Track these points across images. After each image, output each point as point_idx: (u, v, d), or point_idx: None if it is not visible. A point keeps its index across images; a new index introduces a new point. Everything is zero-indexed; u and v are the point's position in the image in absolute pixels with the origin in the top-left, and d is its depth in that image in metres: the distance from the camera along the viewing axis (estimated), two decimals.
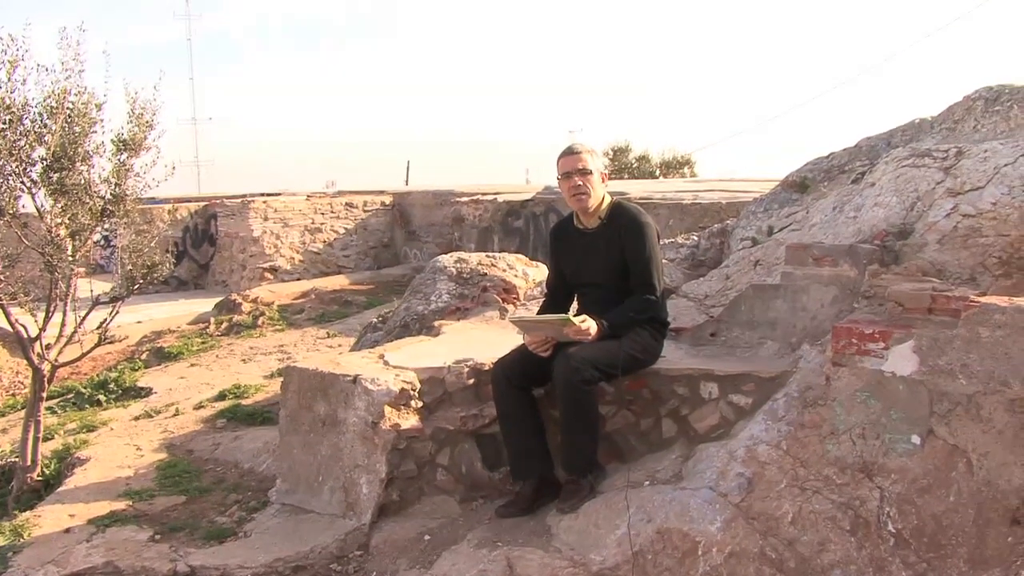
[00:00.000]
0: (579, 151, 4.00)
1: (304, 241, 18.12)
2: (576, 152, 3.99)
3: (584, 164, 3.96)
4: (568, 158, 4.00)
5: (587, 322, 3.77)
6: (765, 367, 3.92)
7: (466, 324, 5.46)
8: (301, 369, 4.44)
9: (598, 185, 4.00)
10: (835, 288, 4.05)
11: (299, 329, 12.29)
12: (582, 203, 4.00)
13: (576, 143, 4.07)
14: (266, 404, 7.07)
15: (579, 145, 4.04)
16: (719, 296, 5.25)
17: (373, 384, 4.12)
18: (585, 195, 3.97)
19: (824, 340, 3.69)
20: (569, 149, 4.03)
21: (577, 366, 3.68)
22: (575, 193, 3.98)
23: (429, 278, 6.30)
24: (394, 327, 6.14)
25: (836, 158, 6.31)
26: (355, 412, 4.12)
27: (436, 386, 4.27)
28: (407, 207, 19.32)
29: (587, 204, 3.99)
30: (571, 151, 4.01)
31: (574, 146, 4.03)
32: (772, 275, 4.93)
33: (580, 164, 3.96)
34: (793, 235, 5.40)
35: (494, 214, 16.04)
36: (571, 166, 3.98)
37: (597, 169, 4.01)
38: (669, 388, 4.04)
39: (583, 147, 4.02)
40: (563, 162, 4.02)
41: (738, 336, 4.45)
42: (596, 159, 4.04)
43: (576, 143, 4.07)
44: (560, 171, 4.03)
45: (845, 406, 3.28)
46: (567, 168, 3.99)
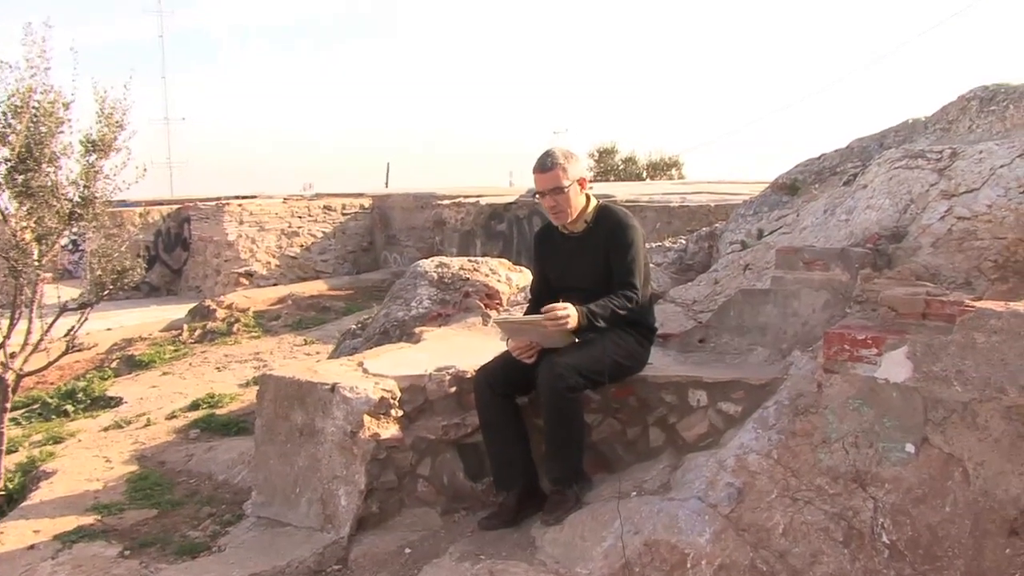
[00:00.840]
0: (550, 167, 3.87)
1: (280, 245, 18.06)
2: (548, 169, 3.87)
3: (557, 182, 3.86)
4: (540, 176, 3.90)
5: (568, 309, 3.71)
6: (755, 374, 3.92)
7: (448, 331, 5.44)
8: (277, 377, 4.40)
9: (576, 197, 3.94)
10: (826, 293, 4.06)
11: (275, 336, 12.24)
12: (560, 220, 3.99)
13: (549, 155, 3.91)
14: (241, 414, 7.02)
15: (551, 158, 3.89)
16: (707, 301, 5.25)
17: (352, 393, 4.09)
18: (561, 213, 3.95)
19: (815, 346, 3.69)
20: (540, 164, 3.90)
21: (562, 373, 3.66)
22: (552, 212, 3.98)
23: (409, 283, 6.28)
24: (373, 334, 6.11)
25: (827, 159, 6.34)
26: (333, 422, 4.09)
27: (417, 394, 4.24)
28: (387, 210, 19.29)
29: (565, 220, 3.99)
30: (542, 167, 3.89)
31: (546, 161, 3.89)
32: (762, 280, 4.94)
33: (553, 184, 3.87)
34: (783, 238, 5.41)
35: (476, 217, 16.03)
36: (543, 186, 3.91)
37: (574, 179, 3.90)
38: (657, 396, 4.03)
39: (556, 159, 3.88)
40: (536, 180, 3.94)
41: (727, 342, 4.45)
42: (573, 167, 3.91)
43: (549, 155, 3.91)
44: (535, 187, 4.00)
45: (837, 414, 3.27)
46: (538, 187, 3.94)
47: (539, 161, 3.92)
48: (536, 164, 3.92)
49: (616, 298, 3.85)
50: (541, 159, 3.92)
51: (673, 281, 6.18)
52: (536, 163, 3.93)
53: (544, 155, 3.93)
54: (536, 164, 3.92)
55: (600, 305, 3.81)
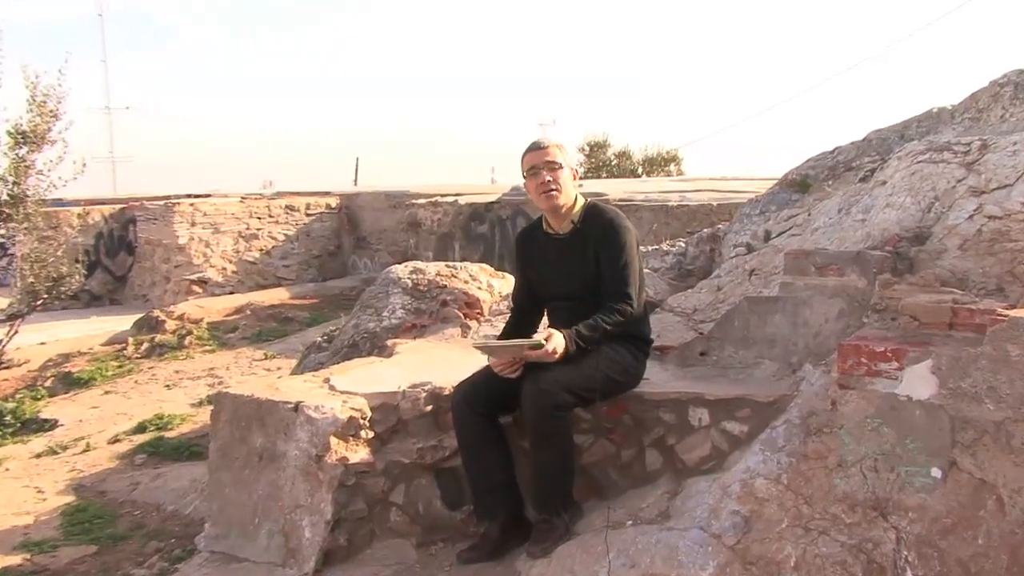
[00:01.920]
0: (546, 145, 4.04)
1: (238, 249, 17.98)
2: (543, 146, 4.03)
3: (552, 157, 3.99)
4: (534, 152, 4.02)
5: (553, 341, 3.74)
6: (762, 390, 3.93)
7: (423, 343, 5.43)
8: (234, 395, 4.38)
9: (569, 183, 4.01)
10: (841, 300, 4.07)
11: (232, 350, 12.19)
12: (552, 201, 3.99)
13: (542, 138, 4.12)
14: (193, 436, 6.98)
15: (545, 140, 4.08)
16: (709, 310, 5.26)
17: (317, 412, 4.08)
18: (556, 191, 3.97)
19: (829, 359, 3.70)
20: (535, 144, 4.06)
21: (549, 390, 3.66)
22: (544, 190, 3.98)
23: (381, 291, 6.27)
24: (341, 347, 6.09)
25: (842, 153, 6.36)
26: (297, 444, 4.07)
27: (389, 414, 4.23)
28: (356, 210, 19.25)
29: (558, 202, 3.99)
30: (537, 145, 4.05)
31: (540, 140, 4.07)
32: (769, 286, 4.95)
33: (548, 157, 3.99)
34: (793, 241, 5.43)
35: (455, 218, 16.02)
36: (538, 160, 3.99)
37: (568, 164, 4.03)
38: (653, 414, 4.03)
39: (549, 141, 4.07)
40: (528, 157, 4.03)
41: (731, 355, 4.46)
42: (566, 154, 4.07)
43: (542, 138, 4.12)
44: (525, 167, 4.03)
45: (854, 434, 3.28)
46: (533, 162, 4.00)
47: (533, 141, 4.08)
48: (529, 145, 4.07)
49: (607, 314, 3.85)
50: (533, 142, 4.08)
51: (671, 288, 6.19)
52: (529, 145, 4.08)
53: (535, 139, 4.09)
54: (529, 145, 4.07)
55: (589, 326, 3.82)
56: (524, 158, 4.05)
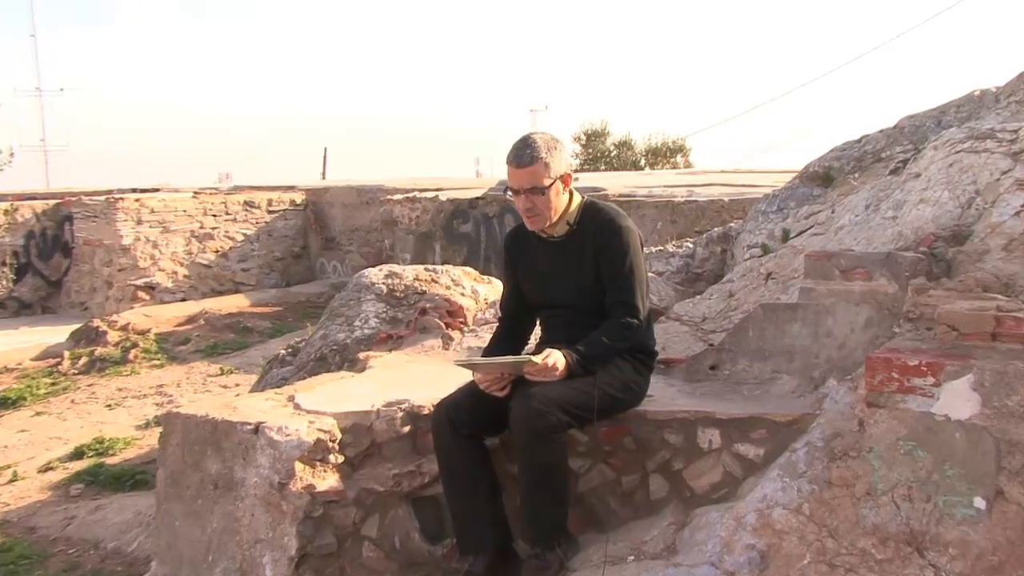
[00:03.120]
0: (528, 161, 3.86)
1: (190, 251, 17.94)
2: (525, 163, 3.87)
3: (537, 181, 3.87)
4: (515, 172, 3.90)
5: (552, 356, 3.75)
6: (780, 409, 3.94)
7: (400, 356, 5.43)
8: (186, 416, 4.37)
9: (557, 198, 3.95)
10: (869, 308, 4.09)
11: (183, 364, 12.16)
12: (534, 225, 3.99)
13: (528, 145, 3.90)
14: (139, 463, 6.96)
15: (531, 150, 3.87)
16: (720, 318, 5.27)
17: (280, 434, 4.07)
18: (537, 217, 3.95)
19: (855, 374, 3.71)
20: (517, 156, 3.89)
21: (541, 409, 3.65)
22: (526, 215, 3.98)
23: (352, 298, 6.26)
24: (307, 360, 6.09)
25: (870, 142, 6.38)
26: (257, 471, 4.06)
27: (362, 436, 4.22)
28: (324, 207, 19.24)
29: (540, 226, 4.00)
30: (519, 160, 3.88)
31: (524, 153, 3.88)
32: (788, 292, 4.96)
33: (531, 182, 3.88)
34: (815, 241, 5.45)
35: (435, 216, 16.03)
36: (517, 183, 3.91)
37: (556, 175, 3.91)
38: (658, 436, 4.04)
39: (537, 151, 3.87)
40: (511, 175, 3.94)
41: (745, 369, 4.47)
42: (556, 161, 3.91)
43: (528, 145, 3.90)
44: (509, 183, 3.98)
45: (885, 459, 3.28)
46: (514, 184, 3.93)
47: (515, 151, 3.90)
48: (511, 154, 3.91)
49: (612, 330, 3.87)
50: (518, 149, 3.90)
51: (678, 294, 6.21)
52: (511, 153, 3.92)
53: (521, 144, 3.91)
54: (511, 154, 3.91)
55: (592, 345, 3.83)
56: (508, 170, 3.94)
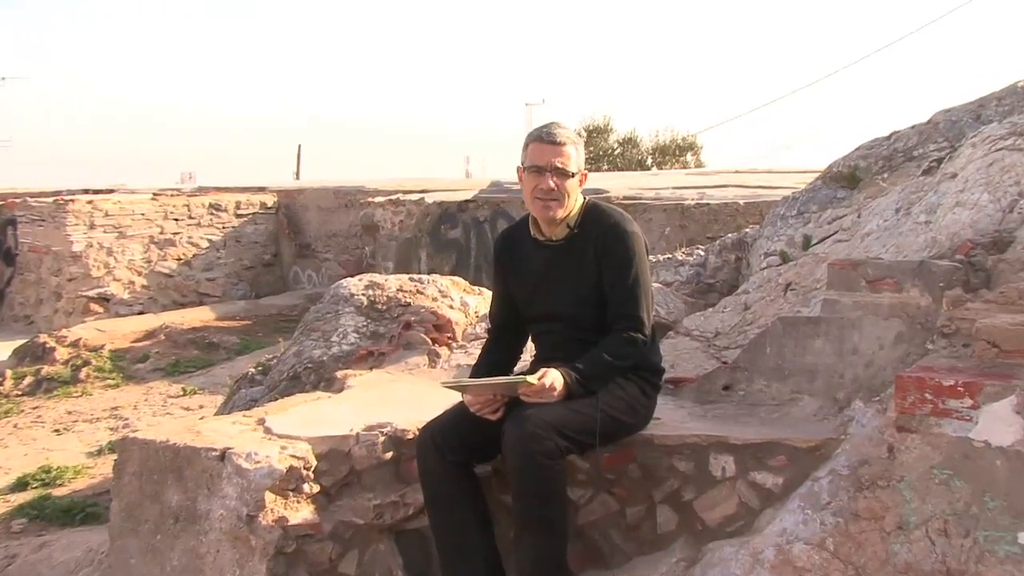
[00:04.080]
0: (562, 140, 3.94)
1: (149, 258, 17.92)
2: (558, 142, 3.93)
3: (565, 162, 3.92)
4: (545, 147, 3.94)
5: (549, 376, 3.75)
6: (801, 433, 3.94)
7: (382, 375, 5.42)
8: (144, 441, 4.35)
9: (575, 191, 3.99)
10: (899, 322, 4.09)
11: (141, 384, 12.13)
12: (548, 213, 3.98)
13: (558, 127, 3.99)
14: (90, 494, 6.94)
15: (560, 130, 3.97)
16: (735, 334, 5.28)
17: (249, 461, 4.06)
18: (556, 203, 3.95)
19: (884, 395, 3.71)
20: (548, 133, 3.96)
21: (537, 433, 3.64)
22: (543, 198, 3.95)
23: (329, 311, 6.26)
24: (279, 380, 6.08)
25: (901, 139, 6.39)
26: (223, 502, 4.04)
27: (339, 463, 4.21)
28: (298, 210, 19.24)
29: (555, 215, 3.98)
30: (551, 137, 3.94)
31: (556, 132, 3.95)
32: (809, 304, 4.97)
33: (560, 161, 3.91)
34: (839, 248, 5.46)
35: (421, 220, 16.04)
36: (547, 159, 3.93)
37: (578, 168, 3.97)
38: (666, 463, 4.03)
39: (567, 135, 3.97)
40: (536, 150, 3.96)
41: (762, 390, 4.47)
42: (579, 154, 4.00)
43: (558, 127, 3.99)
44: (529, 161, 3.98)
45: (917, 489, 3.28)
46: (541, 160, 3.93)
47: (546, 128, 3.99)
48: (541, 131, 4.00)
49: (615, 347, 3.87)
50: (548, 126, 4.00)
51: (688, 306, 6.21)
52: (540, 129, 4.01)
53: (551, 124, 4.01)
54: (541, 131, 4.00)
55: (590, 361, 3.83)
56: (531, 147, 3.98)
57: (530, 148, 3.98)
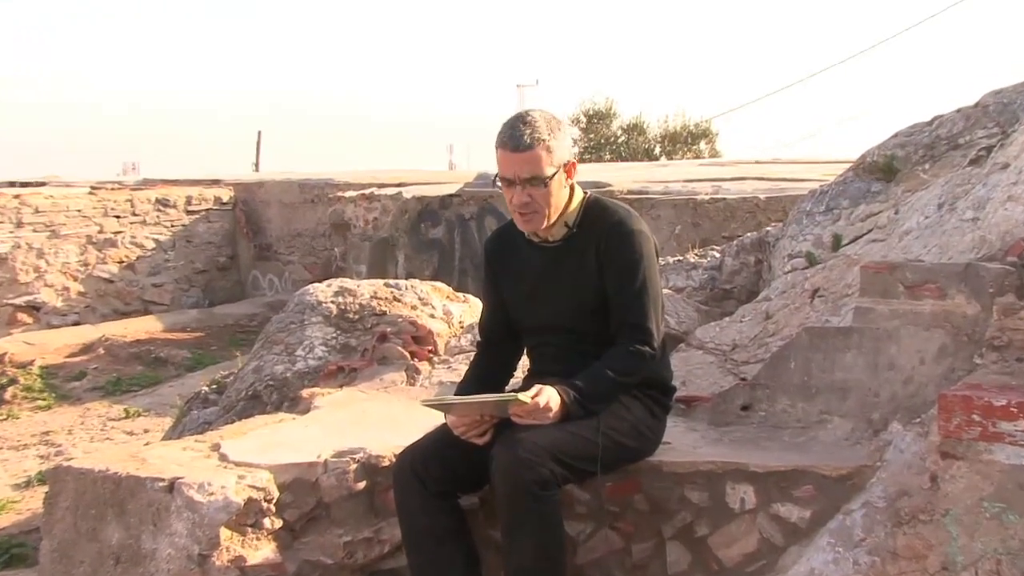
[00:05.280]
0: (528, 143, 3.84)
1: (86, 261, 17.88)
2: (524, 147, 3.84)
3: (536, 169, 3.85)
4: (509, 157, 3.88)
5: (544, 394, 3.74)
6: (830, 459, 3.94)
7: (354, 393, 5.42)
8: (80, 471, 4.34)
9: (559, 191, 3.95)
10: (942, 333, 4.09)
11: (77, 405, 12.11)
12: (530, 226, 3.98)
13: (526, 122, 3.87)
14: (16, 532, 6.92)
15: (530, 129, 3.85)
16: (755, 346, 5.28)
17: (201, 493, 4.04)
18: (536, 215, 3.93)
19: (926, 416, 3.71)
20: (512, 137, 3.86)
21: (530, 459, 3.64)
22: (520, 213, 3.95)
23: (294, 321, 6.25)
24: (237, 400, 6.07)
25: (944, 125, 6.39)
26: (171, 540, 4.03)
27: (305, 494, 4.21)
28: (257, 206, 19.23)
29: (538, 227, 3.98)
30: (515, 142, 3.85)
31: (520, 136, 3.85)
32: (840, 313, 4.98)
33: (528, 169, 3.85)
34: (874, 248, 5.47)
35: (398, 218, 16.02)
36: (512, 170, 3.88)
37: (560, 163, 3.91)
38: (677, 493, 4.04)
39: (537, 131, 3.85)
40: (502, 160, 3.91)
41: (786, 410, 4.48)
42: (558, 144, 3.90)
43: (526, 122, 3.87)
44: (499, 171, 3.96)
45: (965, 524, 3.28)
46: (507, 172, 3.90)
47: (510, 131, 3.88)
48: (505, 134, 3.89)
49: (618, 360, 3.87)
50: (513, 128, 3.87)
51: (701, 315, 6.22)
52: (504, 133, 3.89)
53: (517, 122, 3.89)
54: (505, 134, 3.89)
55: (591, 377, 3.83)
56: (497, 153, 3.92)
57: (497, 156, 3.92)
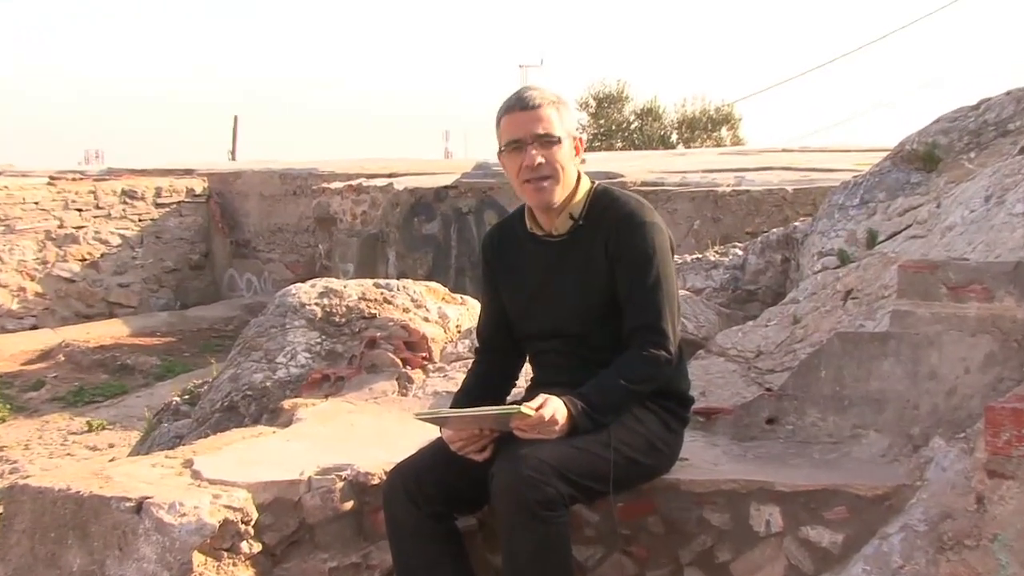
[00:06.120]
0: (538, 103, 3.95)
1: (45, 259, 17.90)
2: (532, 105, 3.94)
3: (547, 126, 3.92)
4: (518, 116, 3.95)
5: (549, 405, 3.73)
6: (865, 478, 3.94)
7: (340, 404, 5.43)
8: (38, 490, 4.34)
9: (569, 163, 3.99)
10: (990, 339, 4.09)
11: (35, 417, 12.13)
12: (543, 196, 3.97)
13: (530, 89, 4.03)
14: None
15: (533, 92, 3.99)
16: (781, 353, 5.28)
17: (172, 514, 4.04)
18: (550, 181, 3.94)
19: (971, 431, 3.71)
20: (520, 99, 3.98)
21: (534, 477, 3.63)
22: (532, 178, 3.95)
23: (274, 324, 6.26)
24: (211, 411, 6.07)
25: (992, 109, 6.37)
26: (139, 565, 4.03)
27: (287, 515, 4.21)
28: (234, 199, 19.24)
29: (552, 198, 3.98)
30: (524, 103, 3.96)
31: (528, 95, 3.97)
32: (875, 316, 4.98)
33: (540, 126, 3.92)
34: (913, 246, 5.46)
35: (388, 211, 16.04)
36: (523, 129, 3.93)
37: (568, 133, 3.99)
38: (696, 515, 4.04)
39: (543, 95, 3.98)
40: (510, 123, 3.97)
41: (816, 423, 4.48)
42: (566, 115, 4.01)
43: (530, 89, 4.03)
44: (504, 139, 4.00)
45: (1015, 551, 3.28)
46: (517, 133, 3.94)
47: (515, 96, 3.99)
48: (509, 101, 3.99)
49: (630, 367, 3.86)
50: (517, 94, 4.00)
51: (722, 319, 6.22)
52: (509, 100, 4.00)
53: (522, 90, 4.02)
54: (509, 101, 3.99)
55: (601, 386, 3.82)
56: (502, 121, 3.99)
57: (503, 123, 3.99)
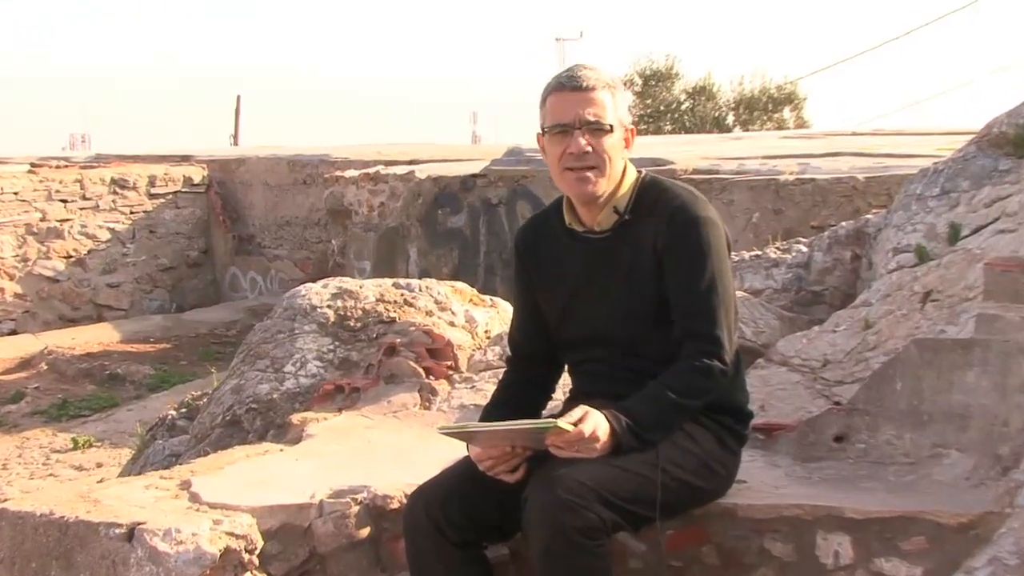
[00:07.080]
0: (591, 84, 3.92)
1: (25, 256, 17.97)
2: (585, 86, 3.92)
3: (599, 112, 3.91)
4: (567, 97, 3.93)
5: (589, 420, 3.73)
6: (947, 504, 3.93)
7: (356, 419, 5.44)
8: (18, 515, 4.37)
9: (618, 155, 3.98)
10: None
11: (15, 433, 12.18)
12: (585, 188, 3.97)
13: (584, 67, 3.99)
14: None
15: (587, 72, 3.95)
16: (851, 362, 5.27)
17: (168, 541, 4.06)
18: (595, 172, 3.94)
19: None
20: (571, 77, 3.95)
21: (572, 501, 3.63)
22: (575, 166, 3.95)
23: (282, 329, 6.27)
24: (211, 427, 6.09)
25: None
26: None
27: (296, 543, 4.23)
28: (237, 189, 19.28)
29: (595, 190, 3.97)
30: (575, 82, 3.93)
31: (581, 75, 3.94)
32: (958, 321, 4.96)
33: (591, 111, 3.90)
34: (1001, 241, 5.45)
35: (410, 203, 16.05)
36: (571, 113, 3.91)
37: (621, 122, 3.98)
38: (755, 544, 4.05)
39: (596, 76, 3.95)
40: (557, 103, 3.96)
41: (890, 442, 4.47)
42: (621, 101, 4.00)
43: (584, 67, 3.99)
44: (550, 120, 3.98)
45: None
46: (564, 116, 3.93)
47: (567, 74, 3.98)
48: (560, 78, 3.98)
49: (681, 378, 3.85)
50: (569, 71, 3.98)
51: (784, 324, 6.21)
52: (560, 77, 3.99)
53: (574, 67, 4.01)
54: (560, 78, 3.98)
55: (647, 399, 3.81)
56: (548, 101, 3.98)
57: (549, 102, 3.97)
